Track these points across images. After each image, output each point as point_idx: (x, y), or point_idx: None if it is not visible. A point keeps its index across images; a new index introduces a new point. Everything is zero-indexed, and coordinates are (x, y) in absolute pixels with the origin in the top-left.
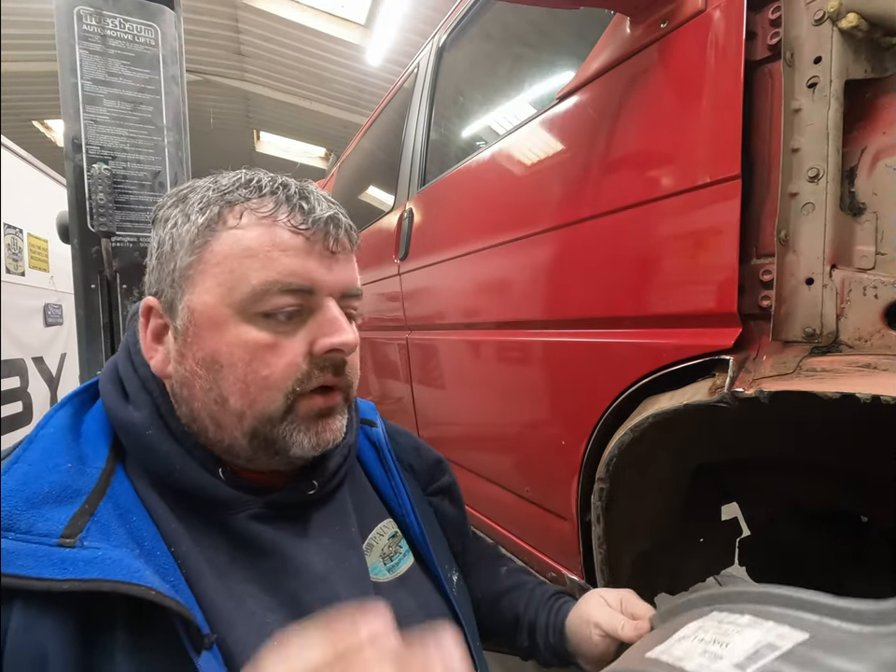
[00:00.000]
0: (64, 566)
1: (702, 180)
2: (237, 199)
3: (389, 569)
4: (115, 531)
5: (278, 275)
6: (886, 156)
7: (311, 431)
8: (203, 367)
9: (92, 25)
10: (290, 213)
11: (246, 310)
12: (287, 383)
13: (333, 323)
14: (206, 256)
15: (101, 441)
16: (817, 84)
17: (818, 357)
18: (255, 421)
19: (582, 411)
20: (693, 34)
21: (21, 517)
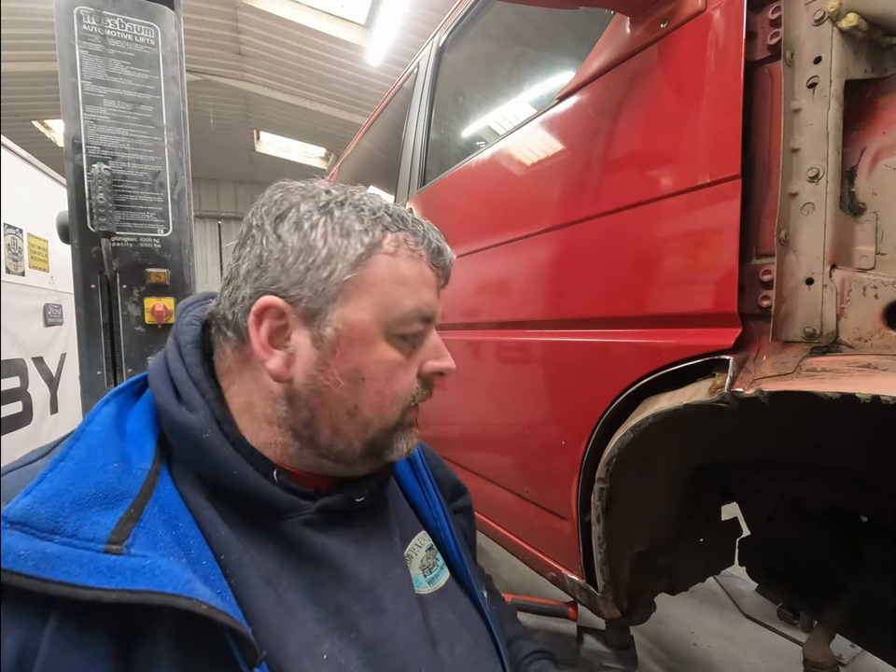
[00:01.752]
0: (112, 574)
1: (702, 180)
2: (390, 226)
3: (429, 581)
4: (162, 538)
5: (421, 304)
6: (886, 156)
7: (406, 439)
8: (346, 378)
9: (92, 25)
10: (430, 250)
11: (390, 331)
12: (407, 398)
13: (440, 349)
14: (366, 275)
15: (147, 441)
16: (817, 84)
17: (818, 357)
18: (378, 430)
19: (583, 411)
20: (693, 34)
21: (68, 520)
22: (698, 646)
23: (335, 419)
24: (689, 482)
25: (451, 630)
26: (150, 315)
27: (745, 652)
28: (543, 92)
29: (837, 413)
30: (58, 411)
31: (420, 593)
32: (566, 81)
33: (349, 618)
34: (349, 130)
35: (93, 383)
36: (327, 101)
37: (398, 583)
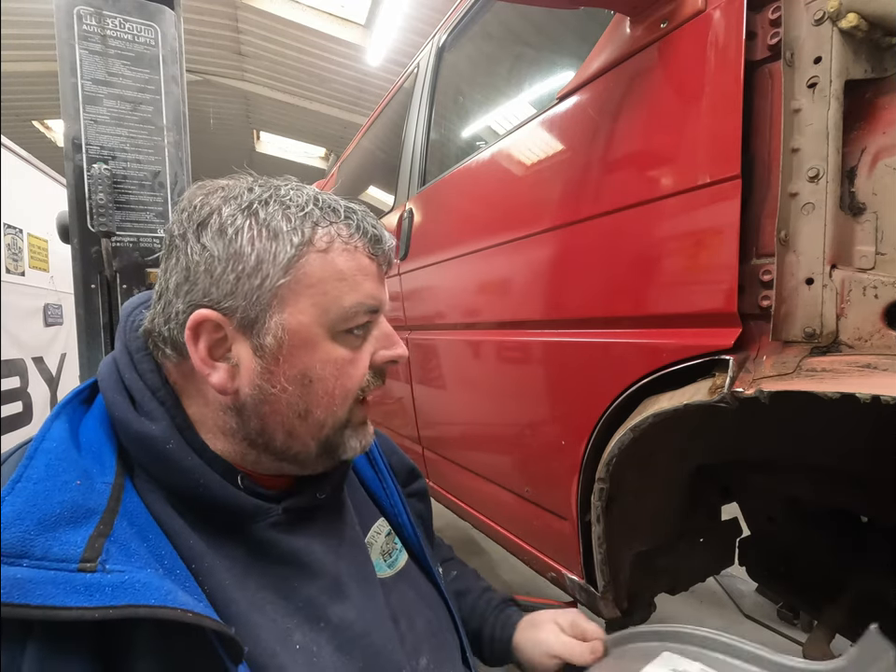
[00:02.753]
0: (90, 592)
1: (702, 180)
2: (321, 221)
3: (389, 565)
4: (135, 550)
5: (363, 297)
6: (886, 156)
7: (359, 436)
8: (293, 383)
9: (92, 25)
10: (366, 240)
11: (334, 328)
12: (356, 392)
13: (390, 337)
14: (300, 277)
15: (106, 453)
16: (817, 84)
17: (818, 357)
18: (330, 429)
19: (582, 411)
20: (693, 34)
21: (36, 542)
22: None
23: (287, 424)
24: (689, 482)
25: (410, 607)
26: None
27: None
28: (543, 92)
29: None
30: None
31: (381, 576)
32: (565, 81)
33: (317, 609)
34: (349, 130)
35: None
36: (327, 101)
37: (360, 571)
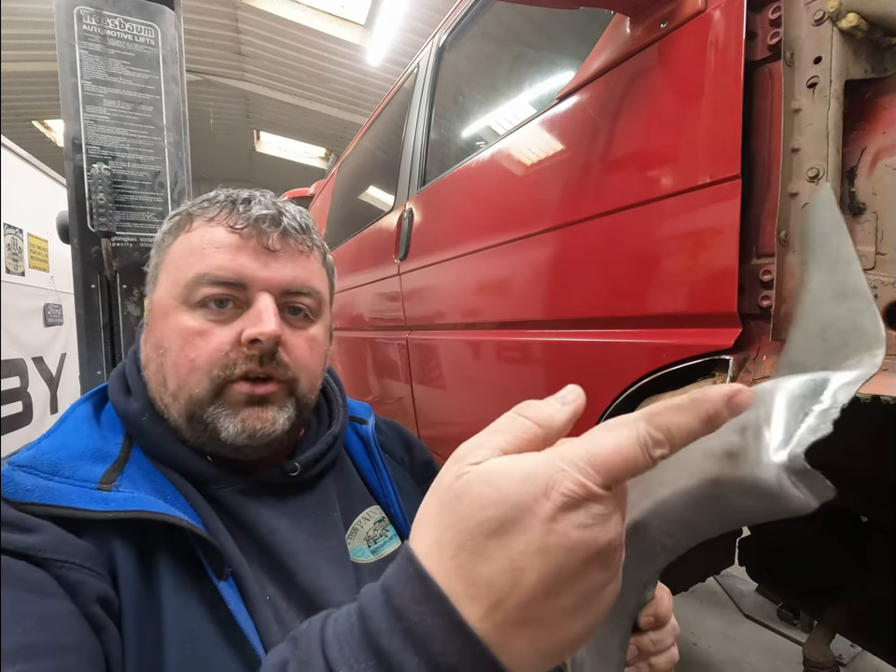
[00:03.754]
0: (106, 502)
1: (702, 180)
2: (196, 209)
3: (373, 551)
4: (142, 485)
5: (208, 268)
6: (886, 156)
7: (237, 417)
8: (154, 350)
9: (92, 25)
10: (228, 214)
11: (187, 300)
12: (211, 366)
13: (259, 315)
14: (166, 258)
15: (116, 429)
16: (817, 84)
17: None
18: (187, 402)
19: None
20: (693, 34)
21: (65, 465)
22: (698, 646)
23: (159, 394)
24: None
25: None
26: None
27: (745, 652)
28: (543, 92)
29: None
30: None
31: (359, 561)
32: (565, 81)
33: (288, 571)
34: (349, 130)
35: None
36: (327, 101)
37: (332, 552)
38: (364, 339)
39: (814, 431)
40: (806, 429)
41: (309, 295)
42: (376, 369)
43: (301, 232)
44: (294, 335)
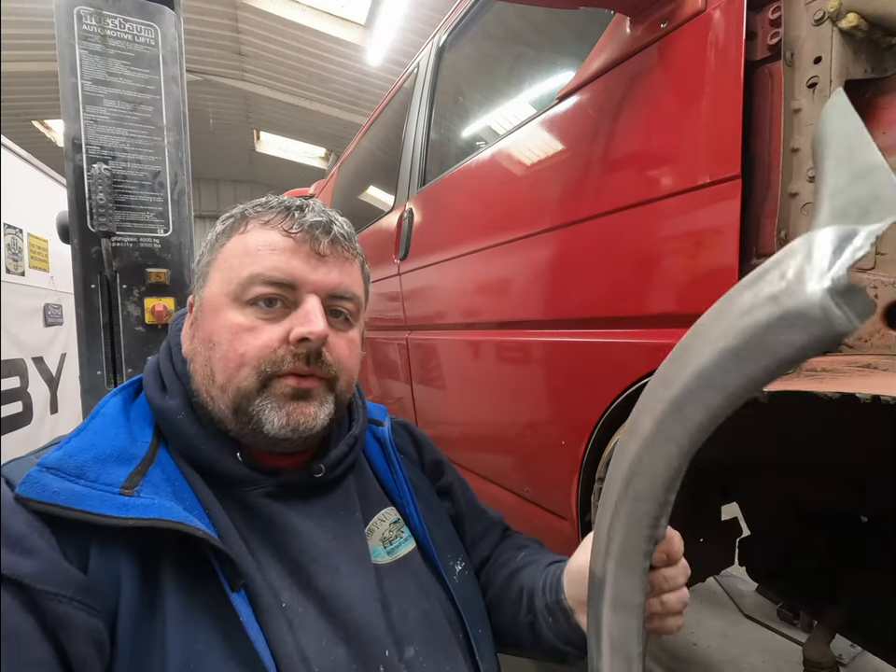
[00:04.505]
0: (126, 508)
1: (702, 180)
2: (250, 212)
3: (389, 552)
4: (163, 490)
5: (263, 269)
6: (886, 156)
7: (282, 411)
8: (202, 344)
9: (92, 25)
10: (284, 219)
11: (238, 298)
12: (259, 362)
13: (307, 315)
14: (219, 256)
15: (146, 425)
16: (817, 84)
17: (818, 356)
18: (234, 394)
19: (582, 411)
20: (693, 34)
21: (91, 469)
22: (698, 645)
23: (204, 384)
24: (688, 482)
25: (406, 596)
26: (150, 315)
27: (745, 652)
28: (543, 93)
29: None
30: (58, 411)
31: (377, 562)
32: (565, 81)
33: (307, 575)
34: (349, 130)
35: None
36: (327, 101)
37: (353, 551)
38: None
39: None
40: (845, 258)
41: (351, 300)
42: (377, 368)
43: (347, 240)
44: (336, 336)
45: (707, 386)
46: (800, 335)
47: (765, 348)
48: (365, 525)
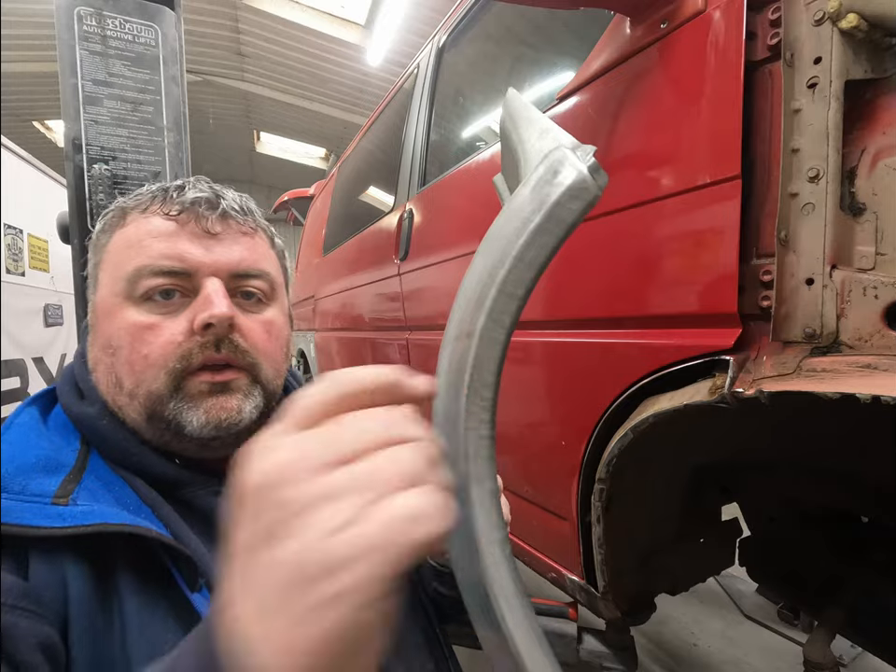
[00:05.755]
0: (63, 518)
1: (702, 180)
2: (130, 203)
3: None
4: (102, 496)
5: (149, 259)
6: (886, 156)
7: (199, 409)
8: (102, 351)
9: (93, 26)
10: (163, 202)
11: (130, 295)
12: (166, 360)
13: (208, 299)
14: (104, 256)
15: (68, 433)
16: (817, 84)
17: (818, 357)
18: (145, 400)
19: (583, 411)
20: (693, 34)
21: (14, 481)
22: (698, 646)
23: (110, 393)
24: (689, 482)
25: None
26: None
27: (745, 653)
28: (543, 93)
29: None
30: None
31: None
32: (565, 82)
33: None
34: (349, 130)
35: None
36: (327, 101)
37: None
38: (364, 339)
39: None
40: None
41: (259, 277)
42: None
43: (242, 214)
44: (249, 319)
45: (525, 270)
46: (581, 202)
47: (559, 219)
48: None
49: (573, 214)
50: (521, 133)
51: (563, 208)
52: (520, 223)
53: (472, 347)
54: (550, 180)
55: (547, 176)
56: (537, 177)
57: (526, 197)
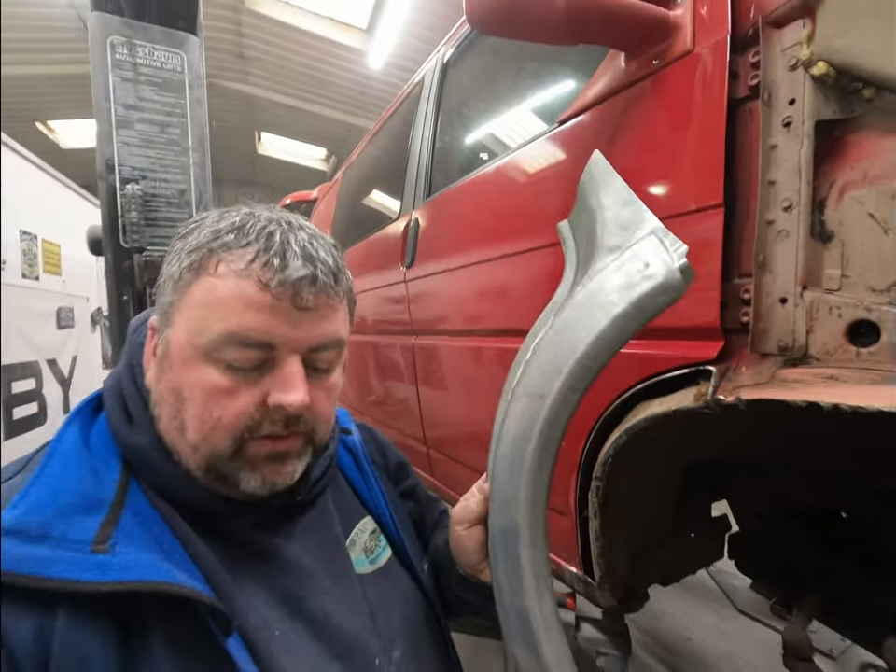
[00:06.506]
0: (102, 570)
1: (688, 207)
2: (221, 246)
3: (371, 561)
4: (139, 536)
5: (238, 328)
6: (852, 189)
7: (258, 473)
8: (171, 394)
9: (124, 54)
10: (263, 268)
11: (210, 354)
12: (236, 427)
13: (288, 381)
14: (185, 298)
15: (112, 456)
16: (791, 123)
17: (790, 368)
18: (207, 455)
19: (580, 415)
20: (681, 71)
21: (55, 526)
22: (693, 640)
23: (170, 433)
24: (680, 481)
25: (388, 602)
26: None
27: (738, 646)
28: (545, 114)
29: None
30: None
31: (361, 572)
32: (568, 100)
33: (296, 602)
34: (351, 132)
35: None
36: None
37: (338, 569)
38: (370, 342)
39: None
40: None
41: (334, 348)
42: (382, 371)
43: (334, 285)
44: (315, 389)
45: (605, 347)
46: (667, 297)
47: (644, 309)
48: (346, 536)
49: (658, 307)
50: (601, 197)
51: (650, 300)
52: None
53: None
54: (641, 269)
55: (637, 265)
56: (625, 264)
57: (614, 281)
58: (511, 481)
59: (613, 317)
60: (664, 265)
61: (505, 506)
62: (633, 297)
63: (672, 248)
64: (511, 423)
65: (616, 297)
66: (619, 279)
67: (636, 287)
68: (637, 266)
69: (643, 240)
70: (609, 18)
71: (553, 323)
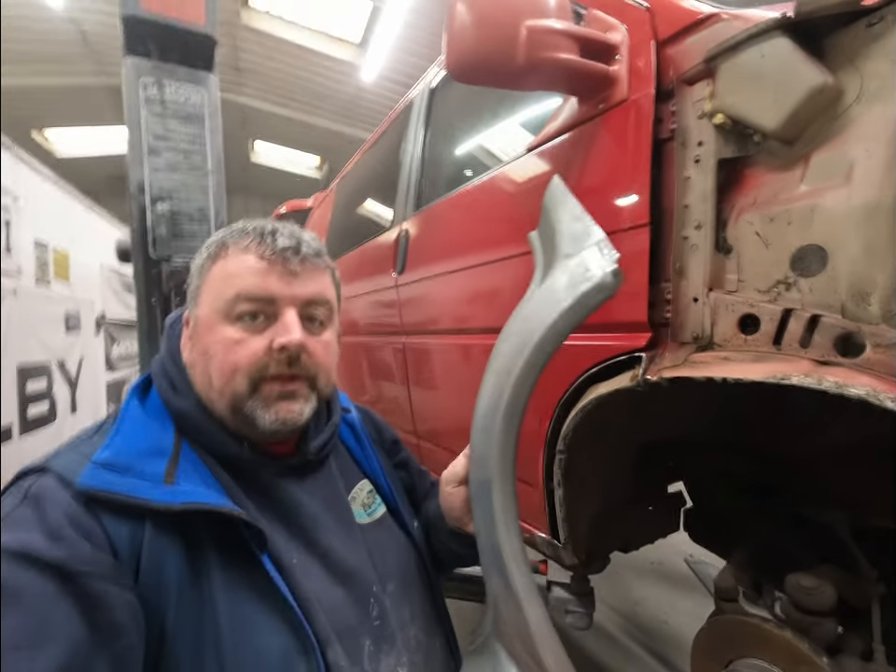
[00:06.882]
0: (174, 494)
1: (624, 225)
2: (229, 239)
3: (368, 514)
4: (194, 478)
5: (244, 289)
6: (745, 212)
7: (271, 409)
8: (200, 356)
9: (154, 93)
10: (259, 245)
11: (227, 315)
12: (250, 368)
13: (286, 326)
14: (207, 280)
15: (165, 420)
16: (700, 160)
17: (700, 353)
18: (231, 397)
19: (546, 397)
20: (619, 115)
21: (135, 464)
22: (669, 623)
23: (206, 391)
24: (635, 458)
25: (383, 546)
26: None
27: None
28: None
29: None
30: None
31: (360, 523)
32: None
33: (308, 537)
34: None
35: None
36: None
37: (342, 516)
38: (363, 343)
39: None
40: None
41: (324, 305)
42: (374, 369)
43: (316, 256)
44: (313, 340)
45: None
46: (602, 295)
47: (584, 304)
48: (348, 493)
49: (596, 302)
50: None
51: (589, 297)
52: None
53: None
54: (584, 273)
55: (581, 269)
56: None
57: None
58: (485, 442)
59: (561, 311)
60: (600, 269)
61: (481, 462)
62: (576, 294)
63: (607, 255)
64: (485, 395)
65: (563, 294)
66: (567, 280)
67: (578, 286)
68: (581, 270)
69: (588, 249)
70: (560, 72)
71: (519, 315)
